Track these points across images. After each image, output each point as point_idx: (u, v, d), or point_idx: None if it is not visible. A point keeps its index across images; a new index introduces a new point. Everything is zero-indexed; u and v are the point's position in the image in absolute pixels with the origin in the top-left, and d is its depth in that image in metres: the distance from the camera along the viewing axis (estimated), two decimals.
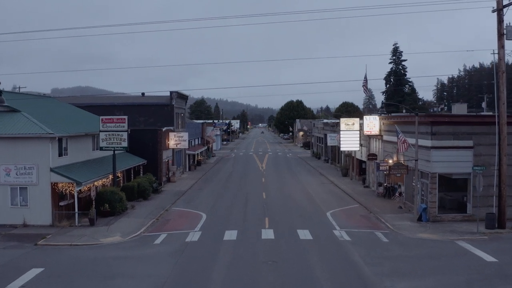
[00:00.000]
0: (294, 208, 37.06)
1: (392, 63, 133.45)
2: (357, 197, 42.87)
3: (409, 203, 36.39)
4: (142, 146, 48.99)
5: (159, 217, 34.82)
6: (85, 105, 55.83)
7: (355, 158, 54.76)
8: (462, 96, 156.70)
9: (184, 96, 62.74)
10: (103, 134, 37.05)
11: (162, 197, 43.61)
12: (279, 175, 61.46)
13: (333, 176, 58.94)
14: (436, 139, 31.57)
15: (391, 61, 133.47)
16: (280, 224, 30.90)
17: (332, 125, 71.50)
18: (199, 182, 55.22)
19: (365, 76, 48.98)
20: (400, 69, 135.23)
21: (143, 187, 41.99)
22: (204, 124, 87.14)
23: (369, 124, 44.08)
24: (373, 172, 47.54)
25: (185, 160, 65.36)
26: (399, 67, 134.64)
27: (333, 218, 33.11)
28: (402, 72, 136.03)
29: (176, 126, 58.25)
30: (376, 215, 34.52)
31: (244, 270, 21.36)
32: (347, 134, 51.53)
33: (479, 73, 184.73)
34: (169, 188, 49.65)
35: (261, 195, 44.06)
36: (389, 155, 39.60)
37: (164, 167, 52.20)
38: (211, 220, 33.06)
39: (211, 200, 41.99)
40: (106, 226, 31.85)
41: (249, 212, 35.76)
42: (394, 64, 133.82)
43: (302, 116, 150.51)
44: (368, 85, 50.09)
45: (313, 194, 44.88)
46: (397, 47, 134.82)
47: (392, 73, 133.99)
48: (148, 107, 57.20)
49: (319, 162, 79.99)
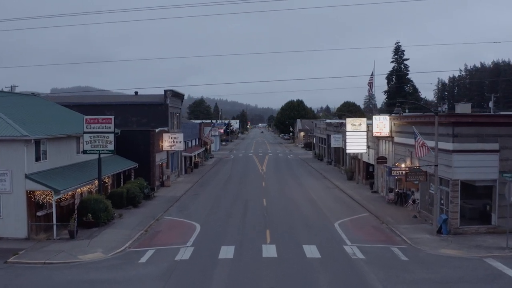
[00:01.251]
0: (298, 218, 33.57)
1: (394, 62, 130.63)
2: (365, 204, 39.40)
3: (425, 212, 32.92)
4: (134, 148, 45.53)
5: (148, 228, 31.35)
6: (75, 104, 52.45)
7: (362, 161, 51.28)
8: (463, 96, 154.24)
9: (179, 94, 59.27)
10: (87, 136, 33.56)
11: (153, 204, 40.14)
12: (280, 178, 57.98)
13: (337, 180, 55.47)
14: (458, 141, 28.13)
15: (393, 60, 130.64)
16: (283, 238, 27.40)
17: (336, 125, 68.04)
18: (195, 186, 51.73)
19: (372, 73, 45.58)
20: (402, 68, 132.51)
21: (132, 193, 38.51)
22: (202, 124, 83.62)
23: (378, 125, 40.60)
24: (382, 177, 44.08)
25: (181, 163, 61.87)
26: (401, 66, 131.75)
27: (342, 230, 29.62)
28: (404, 71, 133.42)
29: (171, 126, 54.78)
30: (390, 226, 31.05)
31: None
32: (354, 135, 48.08)
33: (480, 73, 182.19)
34: (162, 193, 46.16)
35: (261, 201, 40.57)
36: (402, 159, 36.13)
37: (157, 170, 48.73)
38: (206, 232, 29.57)
39: (207, 207, 38.52)
40: (88, 239, 28.38)
41: (248, 222, 32.27)
42: (396, 63, 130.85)
43: (303, 116, 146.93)
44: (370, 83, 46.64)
45: (318, 200, 41.40)
46: (399, 46, 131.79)
47: (394, 72, 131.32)
48: (141, 107, 53.73)
49: (322, 164, 76.51)
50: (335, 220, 32.76)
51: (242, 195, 44.74)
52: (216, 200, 41.96)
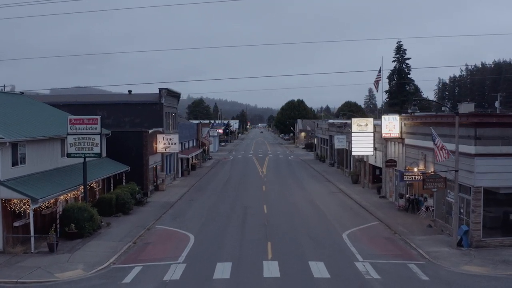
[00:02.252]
0: (302, 228, 30.67)
1: (396, 61, 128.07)
2: (374, 211, 36.52)
3: (441, 221, 30.05)
4: (125, 151, 42.66)
5: (137, 240, 28.47)
6: (65, 104, 49.64)
7: (368, 164, 48.40)
8: (464, 96, 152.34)
9: (175, 93, 56.36)
10: (72, 138, 30.67)
11: (145, 211, 37.25)
12: (281, 181, 55.09)
13: (341, 183, 52.59)
14: (481, 144, 25.26)
15: (394, 59, 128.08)
16: (287, 253, 24.47)
17: (340, 125, 65.09)
18: (191, 190, 48.82)
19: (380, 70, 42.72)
20: (403, 68, 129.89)
21: (122, 199, 35.62)
22: (200, 124, 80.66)
23: (387, 125, 37.70)
24: (390, 181, 41.22)
25: (177, 165, 58.97)
26: (402, 66, 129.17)
27: (352, 242, 26.71)
28: (406, 71, 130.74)
29: (166, 127, 51.91)
30: (403, 237, 28.17)
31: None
32: (360, 137, 45.20)
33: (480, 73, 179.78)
34: (156, 198, 43.27)
35: (261, 208, 37.66)
36: (415, 163, 33.25)
37: (151, 174, 45.85)
38: (200, 244, 26.68)
39: (203, 215, 35.63)
40: (69, 253, 25.53)
41: (248, 233, 29.36)
42: (398, 63, 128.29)
43: (304, 116, 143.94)
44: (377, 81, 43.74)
45: (323, 206, 38.50)
46: (400, 45, 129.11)
47: (395, 71, 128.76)
48: (134, 106, 50.82)
49: (324, 166, 73.60)
50: (343, 230, 29.87)
51: (241, 200, 41.86)
52: (213, 207, 39.08)
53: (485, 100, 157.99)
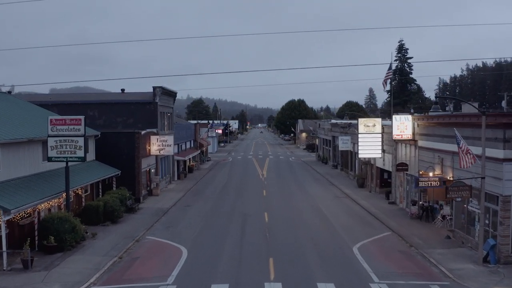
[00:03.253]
0: (307, 240, 27.74)
1: (397, 60, 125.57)
2: (384, 219, 33.62)
3: (460, 232, 27.13)
4: (116, 153, 39.79)
5: (124, 254, 25.56)
6: (54, 103, 46.80)
7: (375, 167, 45.49)
8: (465, 96, 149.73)
9: (171, 92, 53.44)
10: (53, 140, 27.82)
11: (136, 219, 34.34)
12: (283, 185, 52.17)
13: (347, 187, 49.69)
14: (510, 148, 22.37)
15: (396, 59, 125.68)
16: (291, 272, 21.49)
17: (344, 126, 62.14)
18: (187, 195, 45.89)
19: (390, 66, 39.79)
20: (405, 67, 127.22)
21: (111, 207, 32.70)
22: (198, 125, 77.71)
23: (399, 126, 34.78)
24: (401, 186, 38.32)
25: (173, 168, 56.07)
26: (404, 65, 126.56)
27: (364, 258, 23.78)
28: (407, 70, 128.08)
29: (160, 127, 49.01)
30: (421, 251, 25.27)
31: None
32: (367, 138, 42.27)
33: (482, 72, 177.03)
34: (149, 204, 40.35)
35: (262, 216, 34.72)
36: (431, 167, 30.35)
37: (144, 178, 42.95)
38: (193, 261, 23.75)
39: (198, 224, 32.71)
40: (46, 270, 22.62)
41: (247, 246, 26.41)
42: (400, 62, 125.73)
43: (304, 116, 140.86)
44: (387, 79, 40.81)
45: (328, 214, 35.58)
46: (402, 44, 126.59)
47: (397, 71, 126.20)
48: (127, 106, 47.89)
49: (327, 168, 70.70)
50: (353, 242, 26.94)
51: (240, 207, 38.94)
52: (209, 214, 36.16)
53: (486, 100, 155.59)
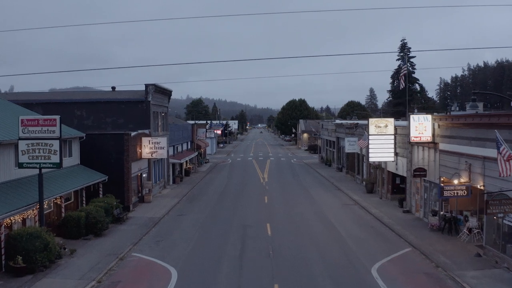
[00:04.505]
0: (318, 260, 24.00)
1: (400, 59, 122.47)
2: (401, 231, 29.96)
3: (493, 250, 23.47)
4: (103, 157, 36.25)
5: (104, 276, 21.90)
6: (39, 102, 43.34)
7: (387, 171, 41.84)
8: (467, 96, 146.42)
9: (166, 91, 49.80)
10: (24, 144, 24.19)
11: (124, 231, 30.71)
12: (286, 190, 48.52)
13: (354, 192, 46.03)
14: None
15: (398, 58, 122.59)
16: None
17: (350, 126, 58.44)
18: (182, 202, 42.23)
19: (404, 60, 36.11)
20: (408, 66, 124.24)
21: (94, 218, 29.03)
22: (195, 125, 74.01)
23: (417, 127, 31.14)
24: (417, 193, 34.69)
25: (168, 171, 52.40)
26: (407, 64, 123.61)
27: (387, 284, 20.05)
28: (410, 70, 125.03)
29: (154, 128, 45.40)
30: (450, 273, 21.61)
31: None
32: (378, 140, 38.63)
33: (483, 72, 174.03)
34: (139, 213, 36.71)
35: (264, 228, 31.04)
36: (457, 174, 26.70)
37: (134, 183, 39.31)
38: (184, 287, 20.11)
39: (192, 238, 29.04)
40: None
41: (248, 268, 22.68)
42: (402, 61, 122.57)
43: (306, 116, 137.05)
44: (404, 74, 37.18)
45: (339, 225, 31.90)
46: (405, 43, 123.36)
47: (400, 70, 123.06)
48: (118, 105, 44.25)
49: (331, 171, 67.01)
50: (370, 262, 23.27)
51: (239, 216, 35.29)
52: (205, 225, 32.52)
53: (487, 100, 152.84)
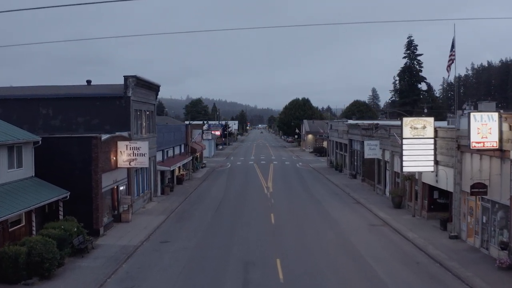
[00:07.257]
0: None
1: (407, 57, 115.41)
2: (459, 270, 21.95)
3: None
4: (65, 167, 28.46)
5: None
6: None
7: (421, 182, 33.85)
8: (470, 96, 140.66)
9: (151, 84, 41.77)
10: None
11: (83, 270, 22.70)
12: (296, 205, 40.37)
13: (378, 207, 38.01)
14: None
15: (405, 56, 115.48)
16: None
17: (368, 127, 50.31)
18: (168, 221, 34.21)
19: (453, 44, 28.27)
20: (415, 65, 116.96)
21: (38, 254, 20.98)
22: (189, 126, 65.87)
23: (480, 129, 23.12)
24: (471, 215, 26.71)
25: (156, 180, 44.42)
26: (414, 63, 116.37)
27: None
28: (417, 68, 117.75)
29: (136, 130, 37.47)
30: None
31: None
32: (414, 145, 30.71)
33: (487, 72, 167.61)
34: (111, 238, 28.72)
35: (273, 269, 22.68)
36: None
37: (108, 199, 31.42)
38: None
39: (175, 281, 21.06)
40: None
41: None
42: (409, 59, 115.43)
43: (310, 116, 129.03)
44: (451, 63, 29.31)
45: (373, 262, 23.70)
46: (411, 40, 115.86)
47: (406, 69, 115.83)
48: (92, 101, 36.31)
49: (343, 178, 58.97)
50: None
51: (238, 247, 27.06)
52: (193, 260, 24.46)
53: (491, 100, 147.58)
